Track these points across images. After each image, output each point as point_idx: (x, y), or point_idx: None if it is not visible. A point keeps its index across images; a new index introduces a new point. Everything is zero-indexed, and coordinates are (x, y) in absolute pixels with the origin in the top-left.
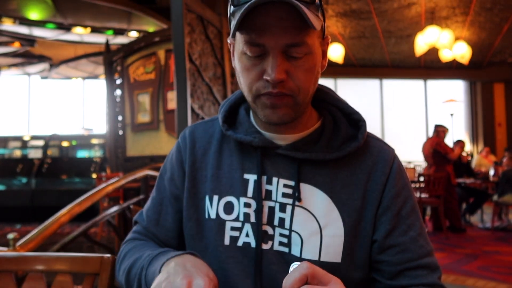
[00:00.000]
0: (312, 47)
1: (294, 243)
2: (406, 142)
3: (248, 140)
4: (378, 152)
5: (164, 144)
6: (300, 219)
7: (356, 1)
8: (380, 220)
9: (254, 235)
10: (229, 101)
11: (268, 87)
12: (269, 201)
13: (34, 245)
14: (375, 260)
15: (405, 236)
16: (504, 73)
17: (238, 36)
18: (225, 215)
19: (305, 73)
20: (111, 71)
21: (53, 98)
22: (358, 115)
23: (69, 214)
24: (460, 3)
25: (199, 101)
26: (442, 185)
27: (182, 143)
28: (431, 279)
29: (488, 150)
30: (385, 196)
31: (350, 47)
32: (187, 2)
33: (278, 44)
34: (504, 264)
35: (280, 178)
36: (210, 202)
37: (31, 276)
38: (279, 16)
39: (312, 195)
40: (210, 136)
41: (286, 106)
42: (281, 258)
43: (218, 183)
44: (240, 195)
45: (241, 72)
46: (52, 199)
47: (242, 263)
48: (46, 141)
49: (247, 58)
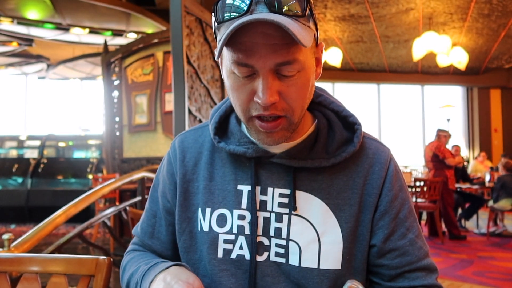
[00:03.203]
0: (304, 63)
1: (291, 253)
2: (403, 146)
3: (242, 152)
4: (374, 154)
5: (161, 146)
6: (298, 228)
7: (354, 6)
8: (378, 224)
9: (249, 247)
10: (219, 111)
11: (259, 110)
12: (264, 212)
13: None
14: (374, 264)
15: (404, 239)
16: (501, 79)
17: (225, 53)
18: (218, 228)
19: (298, 91)
20: (109, 72)
21: (50, 98)
22: (353, 118)
23: (64, 215)
24: (458, 9)
25: (197, 103)
26: (438, 190)
27: (172, 155)
28: (430, 281)
29: (484, 156)
30: (382, 200)
31: (348, 51)
32: (186, 4)
33: (267, 65)
34: (499, 270)
35: (275, 187)
36: (203, 215)
37: (26, 277)
38: (267, 33)
39: (308, 203)
40: (200, 145)
41: (281, 130)
42: (278, 269)
43: (211, 195)
44: (234, 207)
45: (230, 91)
46: (47, 199)
47: (235, 276)
48: (42, 141)
49: (236, 78)
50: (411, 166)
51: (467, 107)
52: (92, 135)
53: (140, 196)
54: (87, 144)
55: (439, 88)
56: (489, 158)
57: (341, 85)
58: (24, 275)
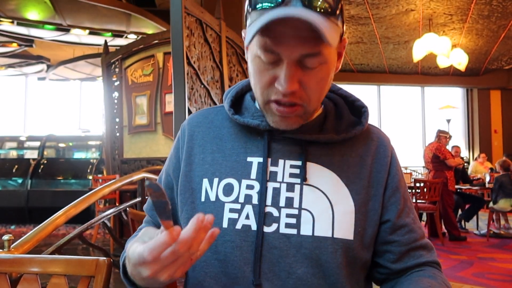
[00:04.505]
0: (327, 57)
1: (304, 222)
2: (403, 147)
3: (256, 124)
4: (378, 137)
5: (161, 147)
6: (310, 197)
7: (354, 7)
8: (390, 200)
9: (256, 217)
10: (235, 88)
11: (278, 95)
12: (274, 182)
13: (29, 246)
14: (385, 241)
15: (409, 217)
16: (501, 80)
17: (254, 39)
18: (224, 197)
19: (318, 83)
20: (109, 72)
21: (50, 99)
22: (360, 102)
23: (64, 216)
24: (458, 11)
25: (197, 104)
26: (438, 191)
27: (181, 131)
28: (432, 257)
29: (484, 157)
30: (393, 178)
31: (348, 52)
32: (187, 5)
33: (293, 54)
34: (499, 271)
35: (286, 159)
36: (210, 184)
37: (26, 278)
38: (297, 26)
39: (320, 174)
40: (210, 122)
41: (296, 116)
42: (287, 241)
43: (219, 166)
44: (242, 177)
45: (253, 74)
46: (47, 200)
47: (240, 248)
48: (42, 142)
49: (261, 62)
50: (411, 167)
51: (467, 108)
52: (92, 135)
53: (140, 197)
54: (87, 144)
55: (439, 89)
56: (489, 159)
57: (341, 86)
58: (24, 276)
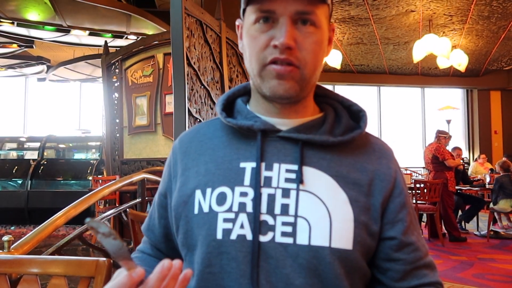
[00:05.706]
0: (320, 22)
1: (300, 230)
2: (404, 148)
3: (249, 124)
4: (380, 149)
5: (161, 148)
6: (307, 203)
7: (354, 8)
8: (398, 216)
9: (251, 226)
10: (226, 94)
11: (275, 53)
12: (269, 188)
13: (29, 247)
14: (389, 258)
15: (414, 235)
16: (501, 81)
17: (248, 8)
18: (217, 207)
19: (313, 45)
20: (109, 73)
21: (50, 100)
22: (358, 106)
23: (64, 217)
24: (458, 11)
25: (197, 105)
26: (438, 192)
27: (172, 152)
28: (435, 278)
29: (484, 158)
30: (401, 193)
31: (348, 53)
32: (187, 6)
33: (288, 10)
34: (499, 272)
35: (281, 163)
36: (203, 195)
37: (26, 279)
38: None
39: (317, 179)
40: (202, 135)
41: (292, 79)
42: (284, 251)
43: (212, 175)
44: (235, 184)
45: (248, 44)
46: (47, 201)
47: (236, 260)
48: (42, 143)
49: (256, 28)
50: (411, 168)
51: (467, 109)
52: (92, 136)
53: (140, 197)
54: (87, 145)
55: (439, 90)
56: (489, 160)
57: (341, 87)
58: (24, 276)
